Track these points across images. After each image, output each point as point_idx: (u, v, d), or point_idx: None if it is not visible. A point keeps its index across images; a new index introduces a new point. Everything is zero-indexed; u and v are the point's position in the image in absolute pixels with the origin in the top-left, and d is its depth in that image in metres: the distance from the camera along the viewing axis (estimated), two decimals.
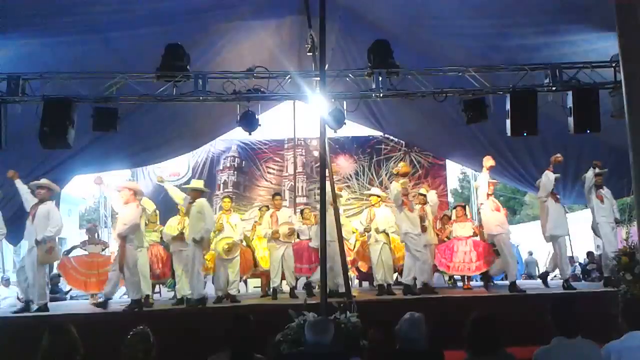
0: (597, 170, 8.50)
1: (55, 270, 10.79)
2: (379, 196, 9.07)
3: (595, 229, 8.54)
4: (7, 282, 10.69)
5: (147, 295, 8.18)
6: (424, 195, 8.98)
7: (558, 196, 8.61)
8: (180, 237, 8.43)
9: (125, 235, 7.59)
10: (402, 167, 8.73)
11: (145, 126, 9.43)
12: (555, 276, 9.66)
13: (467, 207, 9.96)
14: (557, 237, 8.41)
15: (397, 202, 8.24)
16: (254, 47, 9.14)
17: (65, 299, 10.71)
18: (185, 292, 8.17)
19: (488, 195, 8.50)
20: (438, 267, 9.14)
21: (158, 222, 9.51)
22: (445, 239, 9.40)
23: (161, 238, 9.16)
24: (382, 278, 8.45)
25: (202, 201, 7.99)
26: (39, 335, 3.49)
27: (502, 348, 3.43)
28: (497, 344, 3.42)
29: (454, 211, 9.65)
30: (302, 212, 9.67)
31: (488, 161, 8.39)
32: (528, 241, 13.90)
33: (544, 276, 8.99)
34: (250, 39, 8.95)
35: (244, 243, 9.24)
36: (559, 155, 8.33)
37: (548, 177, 8.37)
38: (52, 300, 10.33)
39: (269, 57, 8.96)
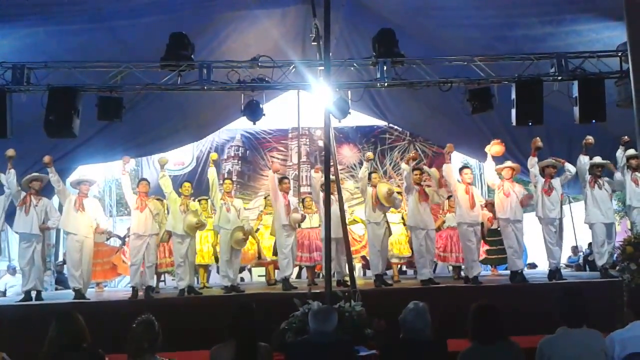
0: (627, 149, 8.06)
1: (61, 258, 10.87)
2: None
3: (627, 213, 8.37)
4: (13, 271, 10.76)
5: (149, 286, 8.19)
6: (420, 171, 8.72)
7: (600, 181, 8.32)
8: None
9: None
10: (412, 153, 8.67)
11: (151, 117, 9.43)
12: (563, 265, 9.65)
13: None
14: (592, 224, 8.29)
15: (407, 182, 8.25)
16: (258, 37, 9.11)
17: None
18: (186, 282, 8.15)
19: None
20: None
21: (166, 212, 9.52)
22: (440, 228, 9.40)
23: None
24: (381, 267, 8.29)
25: None
26: (46, 323, 3.53)
27: (506, 337, 3.46)
28: (501, 333, 3.45)
29: (446, 201, 9.57)
30: (303, 200, 9.61)
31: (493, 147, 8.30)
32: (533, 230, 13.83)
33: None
34: (255, 28, 8.93)
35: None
36: (589, 137, 8.04)
37: (581, 162, 8.19)
38: (58, 288, 10.46)
39: (273, 47, 8.93)
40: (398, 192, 8.70)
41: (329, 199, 6.82)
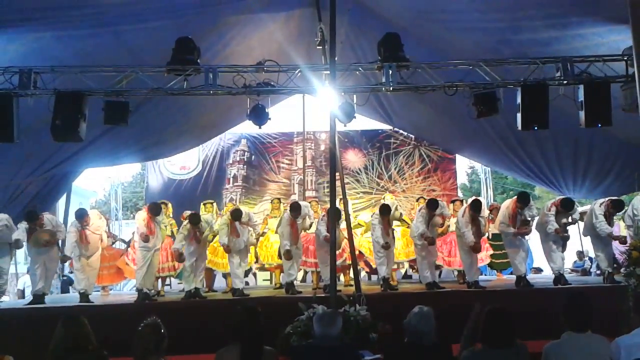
0: None
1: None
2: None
3: (633, 221, 8.26)
4: None
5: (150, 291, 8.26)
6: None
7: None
8: None
9: None
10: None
11: (155, 119, 9.42)
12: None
13: (464, 201, 9.85)
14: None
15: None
16: (262, 40, 9.12)
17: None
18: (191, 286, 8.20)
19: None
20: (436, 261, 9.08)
21: (171, 216, 9.58)
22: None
23: (172, 232, 9.22)
24: (387, 271, 8.38)
25: None
26: (52, 326, 3.55)
27: (515, 341, 3.47)
28: (512, 337, 3.46)
29: (451, 205, 9.58)
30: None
31: None
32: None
33: None
34: (259, 31, 8.94)
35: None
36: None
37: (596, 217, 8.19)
38: (64, 291, 10.51)
39: (277, 50, 8.93)
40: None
41: (334, 203, 6.83)
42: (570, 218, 8.40)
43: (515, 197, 8.47)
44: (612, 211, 8.23)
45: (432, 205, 8.38)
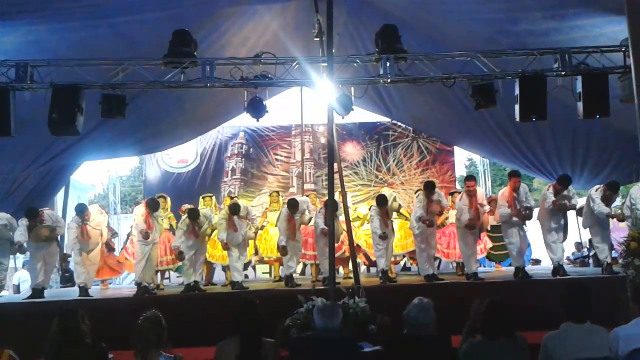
0: None
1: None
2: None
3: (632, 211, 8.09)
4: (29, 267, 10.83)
5: (149, 284, 8.26)
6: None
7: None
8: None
9: None
10: None
11: (151, 111, 9.36)
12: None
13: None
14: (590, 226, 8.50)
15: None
16: (259, 31, 9.06)
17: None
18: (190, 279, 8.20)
19: None
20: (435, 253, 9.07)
21: (169, 209, 9.57)
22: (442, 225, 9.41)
23: (171, 225, 9.23)
24: (386, 263, 8.38)
25: None
26: (51, 320, 3.55)
27: (514, 332, 3.48)
28: (511, 328, 3.48)
29: (450, 197, 9.58)
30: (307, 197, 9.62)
31: None
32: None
33: None
34: (255, 22, 8.89)
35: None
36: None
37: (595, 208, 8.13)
38: (63, 286, 10.52)
39: (274, 42, 8.88)
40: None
41: (332, 196, 6.82)
42: (568, 202, 8.32)
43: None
44: (608, 193, 8.16)
45: (429, 186, 8.35)
